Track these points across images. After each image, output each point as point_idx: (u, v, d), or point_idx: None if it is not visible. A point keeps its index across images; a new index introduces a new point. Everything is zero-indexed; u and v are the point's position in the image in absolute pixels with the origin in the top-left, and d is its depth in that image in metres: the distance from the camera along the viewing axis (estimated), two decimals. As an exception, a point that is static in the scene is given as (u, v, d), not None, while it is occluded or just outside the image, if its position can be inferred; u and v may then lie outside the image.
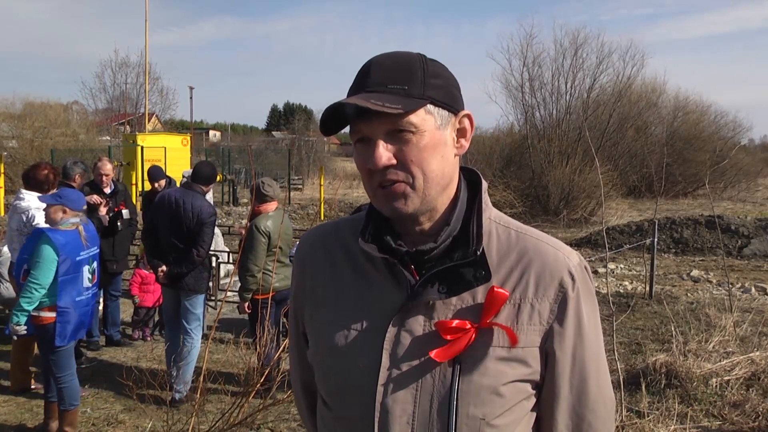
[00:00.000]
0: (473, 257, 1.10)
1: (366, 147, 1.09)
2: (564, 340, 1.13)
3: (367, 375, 1.11)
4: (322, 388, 1.22)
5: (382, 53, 1.13)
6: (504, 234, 1.17)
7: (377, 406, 1.10)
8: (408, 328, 1.11)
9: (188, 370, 4.92)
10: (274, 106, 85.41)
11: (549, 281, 1.12)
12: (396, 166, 1.07)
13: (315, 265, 1.26)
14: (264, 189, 5.06)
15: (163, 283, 5.02)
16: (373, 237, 1.15)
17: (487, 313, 1.09)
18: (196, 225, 4.84)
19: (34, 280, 3.90)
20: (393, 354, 1.11)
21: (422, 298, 1.10)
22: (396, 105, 1.03)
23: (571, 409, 1.15)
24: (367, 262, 1.17)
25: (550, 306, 1.12)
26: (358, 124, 1.08)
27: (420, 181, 1.08)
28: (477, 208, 1.15)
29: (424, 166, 1.08)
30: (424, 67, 1.09)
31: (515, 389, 1.11)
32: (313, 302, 1.24)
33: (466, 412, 1.08)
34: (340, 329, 1.16)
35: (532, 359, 1.12)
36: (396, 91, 1.06)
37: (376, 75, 1.08)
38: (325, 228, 1.31)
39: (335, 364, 1.17)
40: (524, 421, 1.15)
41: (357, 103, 1.03)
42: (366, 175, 1.10)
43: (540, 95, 23.05)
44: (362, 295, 1.16)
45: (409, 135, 1.06)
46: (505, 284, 1.12)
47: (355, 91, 1.09)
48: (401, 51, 1.13)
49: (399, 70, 1.08)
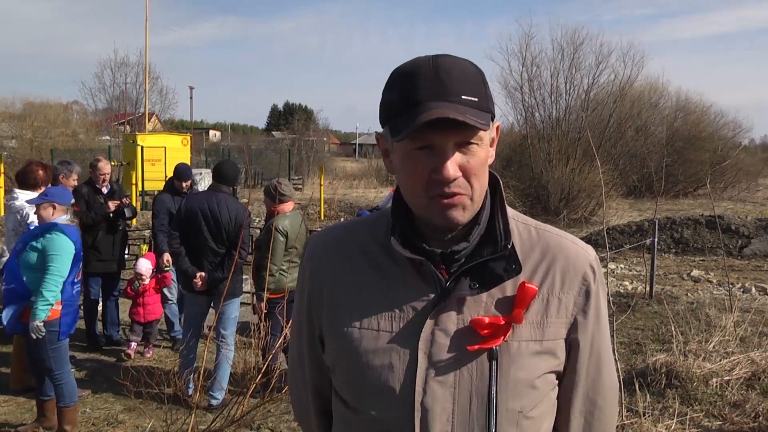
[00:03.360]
0: (504, 251, 1.13)
1: (429, 155, 1.07)
2: (587, 331, 1.18)
3: (402, 376, 1.11)
4: (348, 391, 1.20)
5: (437, 55, 1.09)
6: (525, 231, 1.21)
7: (417, 406, 1.10)
8: (442, 326, 1.12)
9: (225, 376, 4.86)
10: (274, 106, 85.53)
11: (573, 275, 1.17)
12: (460, 178, 1.08)
13: (331, 267, 1.23)
14: (282, 190, 5.09)
15: (202, 289, 4.86)
16: (403, 239, 1.15)
17: (519, 307, 1.12)
18: (236, 227, 4.81)
19: (56, 273, 3.90)
20: (429, 353, 1.11)
21: (455, 295, 1.12)
22: (481, 120, 1.04)
23: (585, 395, 1.20)
24: (390, 262, 1.17)
25: (574, 299, 1.17)
26: (430, 133, 1.05)
27: (478, 194, 1.11)
28: (500, 206, 1.18)
29: (481, 179, 1.11)
30: (483, 79, 1.10)
31: (546, 381, 1.15)
32: (332, 306, 1.22)
33: (506, 407, 1.10)
34: (368, 331, 1.15)
35: (560, 350, 1.16)
36: (470, 103, 1.05)
37: (449, 83, 1.05)
38: (336, 230, 1.30)
39: (365, 366, 1.15)
40: (552, 410, 1.20)
41: (455, 117, 1.01)
42: (423, 182, 1.08)
43: (539, 95, 23.10)
44: (389, 296, 1.16)
45: (476, 148, 1.08)
46: (532, 279, 1.15)
47: (431, 95, 1.05)
48: (455, 56, 1.11)
49: (468, 81, 1.07)
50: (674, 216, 14.38)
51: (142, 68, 29.57)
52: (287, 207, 5.12)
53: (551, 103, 23.02)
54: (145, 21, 25.19)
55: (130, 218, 6.27)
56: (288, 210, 5.12)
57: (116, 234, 6.18)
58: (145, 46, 25.86)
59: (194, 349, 4.94)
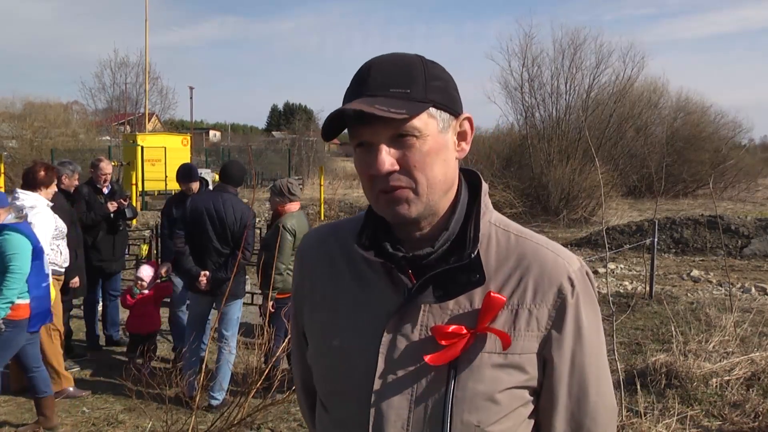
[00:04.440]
0: (467, 260, 1.08)
1: (367, 152, 1.06)
2: (562, 347, 1.10)
3: (363, 378, 1.11)
4: (320, 389, 1.22)
5: (380, 55, 1.10)
6: (503, 238, 1.15)
7: (372, 410, 1.09)
8: (404, 332, 1.10)
9: (226, 376, 4.87)
10: (274, 106, 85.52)
11: (548, 287, 1.10)
12: (399, 171, 1.05)
13: (315, 265, 1.25)
14: (292, 190, 5.13)
15: (206, 290, 4.86)
16: (371, 240, 1.14)
17: (484, 318, 1.07)
18: (240, 228, 4.81)
19: (17, 270, 3.98)
20: (388, 358, 1.10)
21: (418, 301, 1.09)
22: (400, 110, 1.01)
23: (570, 416, 1.13)
24: (365, 265, 1.15)
25: (548, 312, 1.10)
26: (360, 129, 1.05)
27: (423, 187, 1.06)
28: (476, 212, 1.14)
29: (427, 171, 1.06)
30: (424, 70, 1.07)
31: (512, 396, 1.09)
32: (311, 302, 1.24)
33: (461, 419, 1.07)
34: (337, 331, 1.16)
35: (530, 365, 1.10)
36: (398, 95, 1.03)
37: (376, 78, 1.05)
38: (325, 228, 1.31)
39: (332, 366, 1.16)
40: (521, 428, 1.13)
41: (362, 109, 1.00)
42: (367, 180, 1.08)
43: (539, 95, 23.04)
44: (359, 298, 1.15)
45: (413, 140, 1.05)
46: (503, 289, 1.10)
47: (355, 94, 1.06)
48: (400, 53, 1.10)
49: (400, 73, 1.05)
50: (674, 216, 14.37)
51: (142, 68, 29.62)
52: (294, 206, 5.15)
53: (551, 103, 22.99)
54: (145, 21, 25.23)
55: (131, 218, 6.27)
56: (295, 209, 5.15)
57: (116, 234, 6.18)
58: (145, 46, 25.92)
59: (197, 350, 4.94)
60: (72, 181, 5.90)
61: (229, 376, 4.89)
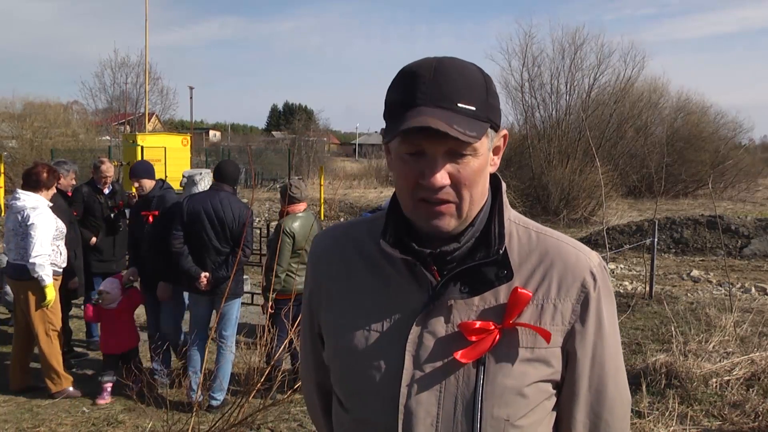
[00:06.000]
0: (495, 256, 1.10)
1: (419, 160, 1.05)
2: (585, 340, 1.13)
3: (389, 377, 1.11)
4: (340, 390, 1.21)
5: (439, 58, 1.07)
6: (524, 235, 1.17)
7: (401, 408, 1.09)
8: (431, 329, 1.10)
9: (226, 377, 4.87)
10: (274, 106, 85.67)
11: (571, 282, 1.13)
12: (449, 186, 1.06)
13: (330, 265, 1.25)
14: (291, 191, 5.09)
15: (206, 290, 4.83)
16: (394, 238, 1.14)
17: (511, 313, 1.09)
18: (239, 226, 4.81)
19: None
20: (416, 356, 1.10)
21: (444, 298, 1.10)
22: (472, 132, 1.01)
23: (589, 408, 1.16)
24: (386, 263, 1.16)
25: (572, 306, 1.13)
26: (420, 139, 1.04)
27: (467, 203, 1.08)
28: (498, 209, 1.16)
29: (473, 188, 1.08)
30: (486, 86, 1.07)
31: (538, 389, 1.11)
32: (328, 303, 1.23)
33: (491, 414, 1.08)
34: (359, 331, 1.16)
35: (554, 359, 1.12)
36: (465, 111, 1.03)
37: (446, 88, 1.03)
38: (339, 228, 1.30)
39: (355, 366, 1.15)
40: (546, 421, 1.15)
41: (438, 128, 0.98)
42: (411, 186, 1.07)
43: (539, 95, 23.09)
44: (381, 297, 1.16)
45: (469, 158, 1.05)
46: (528, 285, 1.12)
47: (418, 99, 1.03)
48: (458, 59, 1.08)
49: (468, 86, 1.05)
50: (674, 216, 14.37)
51: (143, 68, 29.56)
52: (298, 208, 5.13)
53: (552, 103, 23.02)
54: (145, 21, 25.19)
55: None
56: (299, 211, 5.13)
57: (117, 234, 6.19)
58: (145, 46, 25.87)
59: (196, 347, 4.95)
60: (68, 181, 5.89)
61: (228, 376, 4.89)
